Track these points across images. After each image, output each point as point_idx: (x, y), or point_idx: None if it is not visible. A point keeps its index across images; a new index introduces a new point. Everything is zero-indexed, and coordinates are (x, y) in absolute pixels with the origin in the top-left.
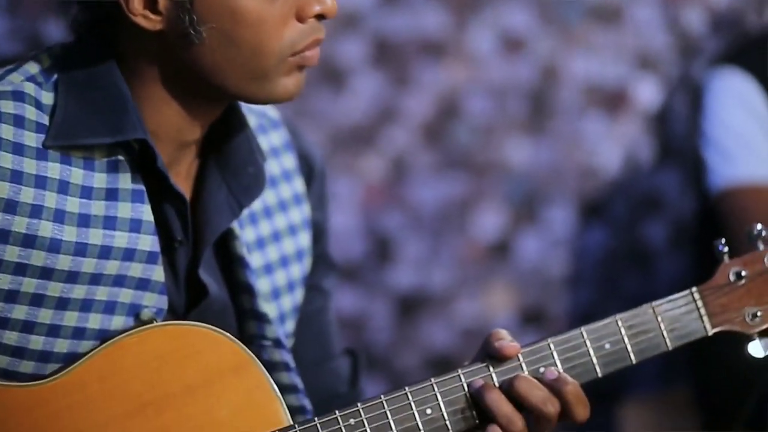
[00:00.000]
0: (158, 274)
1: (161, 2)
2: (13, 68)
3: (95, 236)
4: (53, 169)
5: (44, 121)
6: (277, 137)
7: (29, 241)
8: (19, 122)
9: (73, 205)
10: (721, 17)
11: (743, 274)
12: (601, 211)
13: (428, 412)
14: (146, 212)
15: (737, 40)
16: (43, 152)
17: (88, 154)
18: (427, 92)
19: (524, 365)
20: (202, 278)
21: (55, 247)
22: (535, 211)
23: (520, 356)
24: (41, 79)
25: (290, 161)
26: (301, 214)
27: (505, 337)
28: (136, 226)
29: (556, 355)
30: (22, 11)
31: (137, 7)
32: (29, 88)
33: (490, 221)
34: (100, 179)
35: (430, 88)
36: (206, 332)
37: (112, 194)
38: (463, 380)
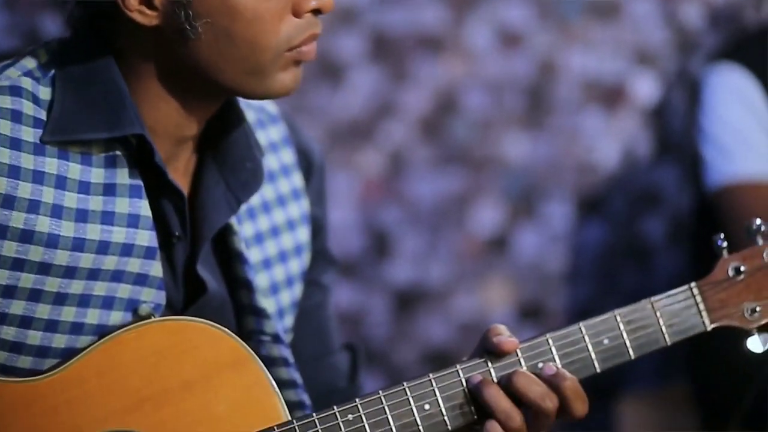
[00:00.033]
0: (156, 269)
1: None
2: (10, 63)
3: (93, 231)
4: (51, 164)
5: (41, 116)
6: (275, 132)
7: (27, 236)
8: (16, 117)
9: (70, 200)
10: (719, 12)
11: (742, 269)
12: (599, 206)
13: (426, 407)
14: (144, 207)
15: (735, 35)
16: (40, 147)
17: (85, 149)
18: (424, 87)
19: (523, 361)
20: (200, 274)
21: (52, 242)
22: (533, 206)
23: (518, 352)
24: (38, 74)
25: (289, 156)
26: (299, 209)
27: (503, 332)
28: (133, 221)
29: (554, 350)
30: (19, 7)
31: (133, 2)
32: (26, 83)
33: (487, 216)
34: (97, 174)
35: (427, 82)
36: (204, 328)
37: (109, 189)
38: (461, 375)
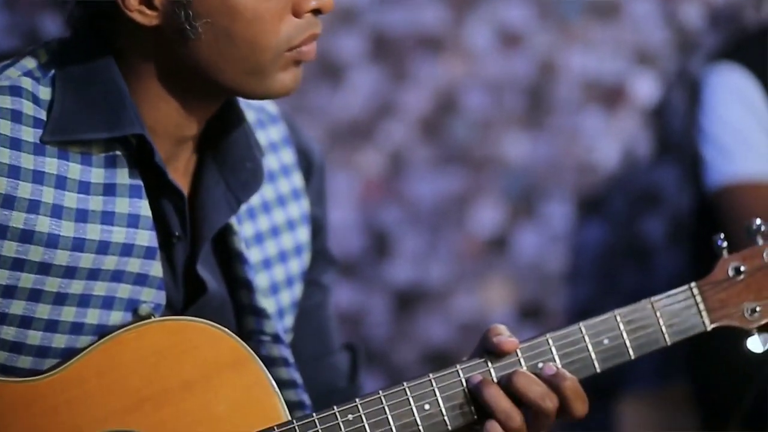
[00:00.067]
0: (156, 269)
1: None
2: (10, 63)
3: (93, 231)
4: (51, 164)
5: (41, 116)
6: (275, 132)
7: (27, 236)
8: (16, 117)
9: (70, 200)
10: (719, 12)
11: (742, 269)
12: (599, 206)
13: (426, 407)
14: (144, 207)
15: (735, 35)
16: (40, 147)
17: (85, 149)
18: (424, 87)
19: (523, 361)
20: (200, 274)
21: (52, 242)
22: (533, 206)
23: (518, 352)
24: (38, 74)
25: (289, 156)
26: (299, 209)
27: (503, 332)
28: (133, 221)
29: (554, 350)
30: (19, 7)
31: (133, 2)
32: (26, 83)
33: (487, 216)
34: (97, 174)
35: (427, 83)
36: (204, 328)
37: (109, 189)
38: (461, 375)
